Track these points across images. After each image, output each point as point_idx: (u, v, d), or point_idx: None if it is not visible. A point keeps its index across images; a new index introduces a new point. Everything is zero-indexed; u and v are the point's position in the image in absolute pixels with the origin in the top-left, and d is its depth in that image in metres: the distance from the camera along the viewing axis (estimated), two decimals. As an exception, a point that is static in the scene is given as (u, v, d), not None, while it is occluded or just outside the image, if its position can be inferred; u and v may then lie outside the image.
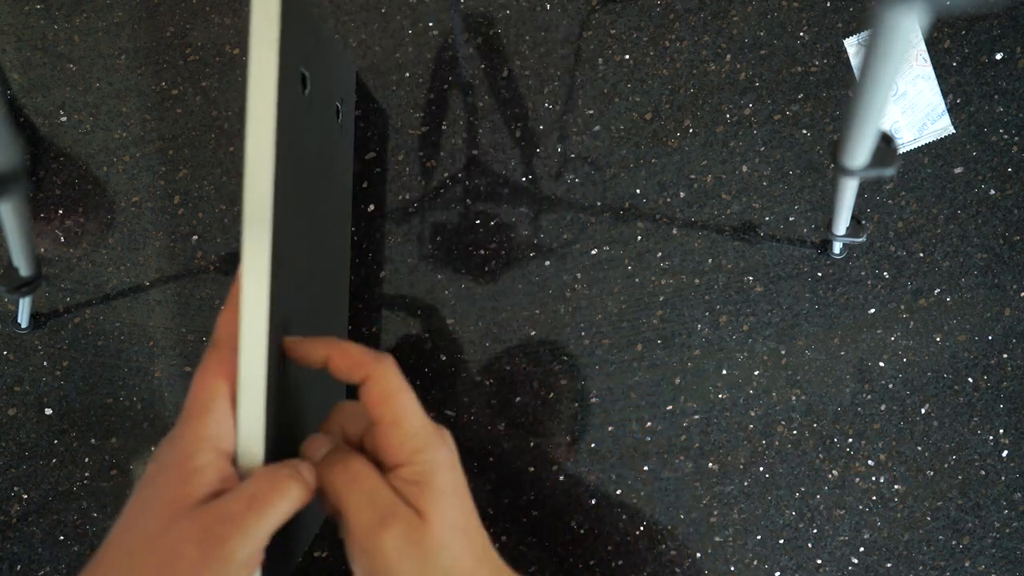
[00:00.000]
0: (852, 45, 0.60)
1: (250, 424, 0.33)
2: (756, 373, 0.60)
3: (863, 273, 0.60)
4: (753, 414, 0.60)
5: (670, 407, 0.59)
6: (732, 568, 0.59)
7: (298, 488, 0.32)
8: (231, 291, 0.35)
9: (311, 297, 0.44)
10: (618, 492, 0.59)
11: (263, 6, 0.33)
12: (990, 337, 0.60)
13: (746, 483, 0.59)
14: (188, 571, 0.28)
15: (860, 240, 0.57)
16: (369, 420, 0.36)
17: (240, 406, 0.33)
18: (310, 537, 0.43)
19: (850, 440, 0.60)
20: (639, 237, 0.59)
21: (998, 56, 0.59)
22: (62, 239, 0.58)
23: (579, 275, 0.59)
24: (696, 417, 0.59)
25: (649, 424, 0.59)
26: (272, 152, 0.34)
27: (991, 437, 0.60)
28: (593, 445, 0.59)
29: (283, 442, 0.37)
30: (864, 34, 0.59)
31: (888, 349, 0.60)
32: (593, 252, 0.59)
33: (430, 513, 0.33)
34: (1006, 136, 0.60)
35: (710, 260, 0.60)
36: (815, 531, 0.59)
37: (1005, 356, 0.60)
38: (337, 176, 0.53)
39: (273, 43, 0.33)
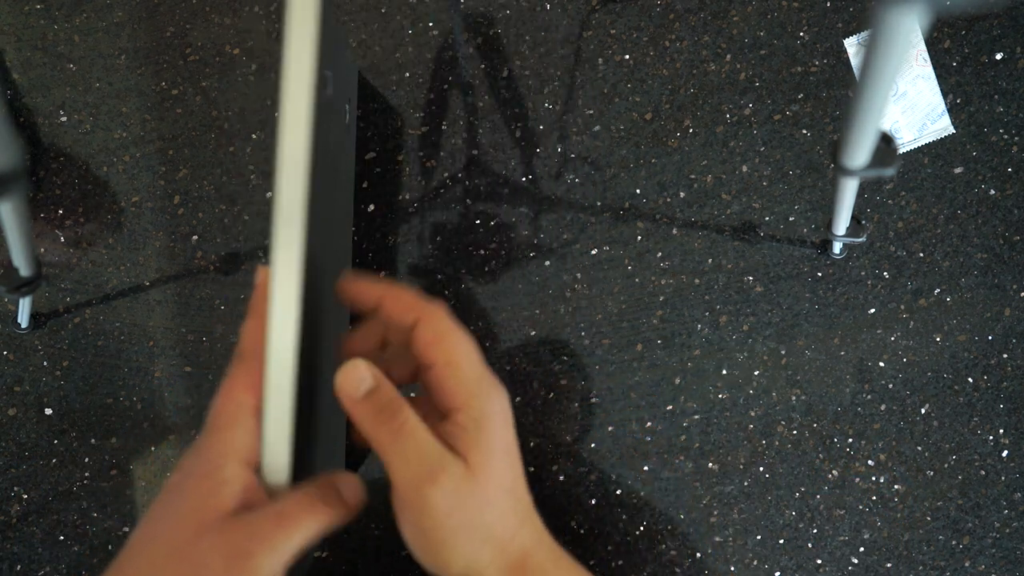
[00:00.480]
0: (852, 45, 0.60)
1: (276, 436, 0.33)
2: (756, 373, 0.60)
3: (863, 273, 0.60)
4: (753, 414, 0.60)
5: (670, 407, 0.59)
6: (732, 568, 0.59)
7: (328, 512, 0.32)
8: (253, 299, 0.34)
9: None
10: (618, 492, 0.59)
11: (301, 4, 0.33)
12: (990, 337, 0.60)
13: (746, 483, 0.59)
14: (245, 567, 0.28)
15: (860, 240, 0.57)
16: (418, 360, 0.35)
17: (266, 418, 0.32)
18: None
19: (850, 440, 0.60)
20: (639, 237, 0.59)
21: (998, 56, 0.59)
22: (62, 239, 0.58)
23: (579, 275, 0.59)
24: (696, 417, 0.59)
25: (649, 424, 0.59)
26: (307, 155, 0.32)
27: (991, 437, 0.60)
28: (593, 445, 0.59)
29: (310, 451, 0.36)
30: (864, 34, 0.59)
31: (888, 349, 0.60)
32: (593, 252, 0.59)
33: (480, 468, 0.32)
34: (1006, 136, 0.60)
35: (710, 260, 0.60)
36: (815, 531, 0.59)
37: (1005, 356, 0.60)
38: (341, 177, 0.53)
39: (312, 41, 0.33)
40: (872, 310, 0.60)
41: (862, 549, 0.60)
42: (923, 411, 0.60)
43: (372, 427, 0.33)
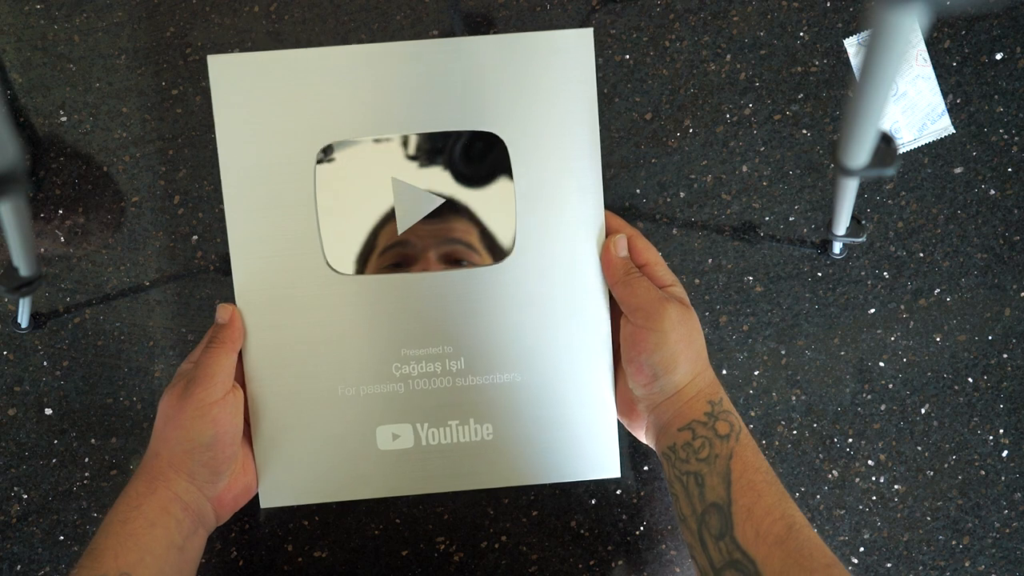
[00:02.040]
0: (852, 45, 0.60)
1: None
2: (756, 373, 0.60)
3: (863, 273, 0.60)
4: (753, 414, 0.60)
5: (670, 407, 0.59)
6: (732, 568, 0.59)
7: (226, 353, 0.50)
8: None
9: None
10: (618, 492, 0.59)
11: None
12: (990, 337, 0.60)
13: (746, 483, 0.59)
14: (176, 409, 0.49)
15: (860, 240, 0.57)
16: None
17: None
18: None
19: (850, 440, 0.60)
20: (639, 237, 0.59)
21: (998, 56, 0.59)
22: (62, 239, 0.58)
23: (579, 275, 0.59)
24: (696, 417, 0.59)
25: (649, 424, 0.59)
26: None
27: (991, 437, 0.60)
28: (593, 445, 0.59)
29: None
30: (864, 34, 0.59)
31: (888, 349, 0.60)
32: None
33: (692, 309, 0.51)
34: (1006, 136, 0.60)
35: (710, 260, 0.60)
36: (815, 531, 0.59)
37: (1005, 356, 0.60)
38: None
39: None
40: (872, 310, 0.60)
41: (862, 549, 0.60)
42: (923, 411, 0.60)
43: (623, 275, 0.52)
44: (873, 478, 0.60)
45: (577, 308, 0.54)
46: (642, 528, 0.59)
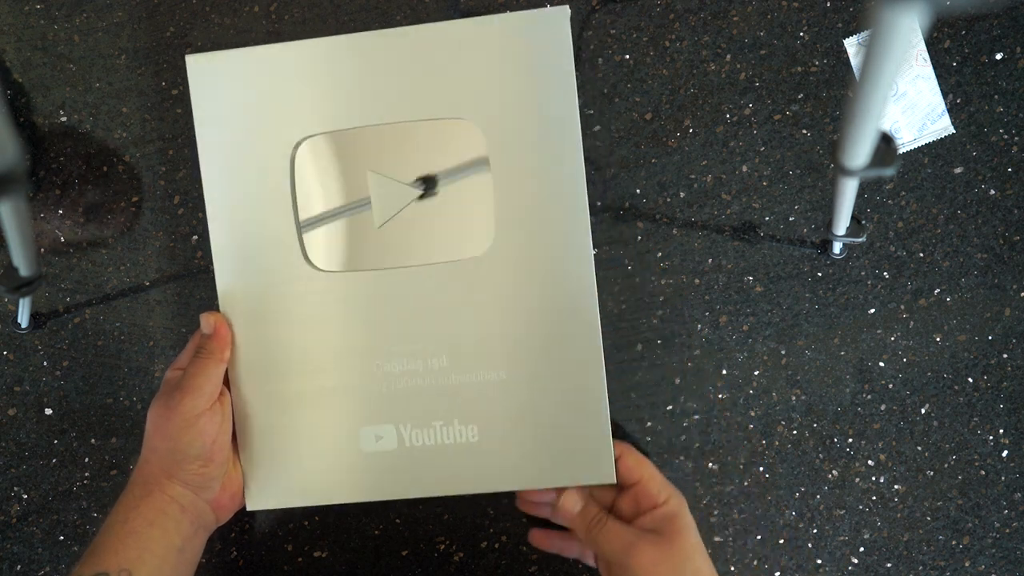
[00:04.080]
0: (852, 45, 0.60)
1: None
2: (756, 373, 0.60)
3: (863, 273, 0.60)
4: (753, 414, 0.60)
5: (670, 407, 0.59)
6: (732, 568, 0.59)
7: (213, 363, 0.50)
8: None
9: None
10: (618, 492, 0.59)
11: None
12: (990, 337, 0.60)
13: (746, 483, 0.59)
14: (163, 418, 0.48)
15: (860, 240, 0.57)
16: (612, 492, 0.52)
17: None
18: None
19: (850, 440, 0.60)
20: (639, 237, 0.59)
21: (998, 56, 0.59)
22: (62, 239, 0.58)
23: (579, 275, 0.59)
24: (696, 417, 0.59)
25: (649, 424, 0.59)
26: None
27: (991, 437, 0.60)
28: (593, 445, 0.59)
29: None
30: (864, 34, 0.59)
31: (888, 349, 0.60)
32: (593, 252, 0.59)
33: (681, 534, 0.48)
34: (1006, 136, 0.60)
35: (710, 260, 0.60)
36: (815, 531, 0.59)
37: (1005, 356, 0.60)
38: None
39: None
40: (872, 310, 0.60)
41: (862, 549, 0.60)
42: (923, 411, 0.60)
43: (584, 528, 0.50)
44: (873, 478, 0.60)
45: (564, 299, 0.51)
46: (642, 528, 0.59)
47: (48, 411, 0.58)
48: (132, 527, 0.46)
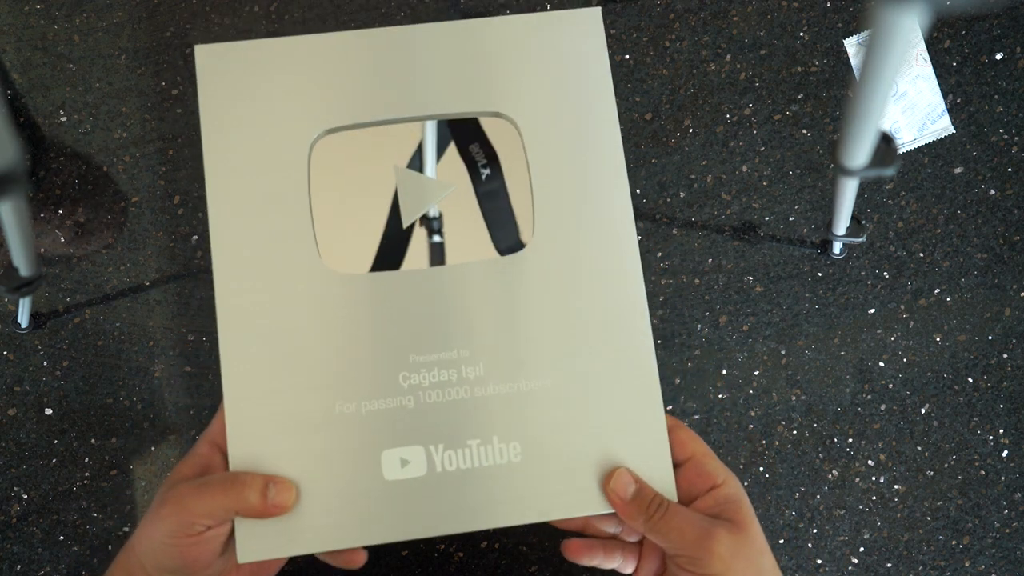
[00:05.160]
0: (852, 45, 0.60)
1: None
2: (756, 373, 0.60)
3: (863, 273, 0.60)
4: (753, 414, 0.60)
5: (670, 407, 0.59)
6: (732, 568, 0.59)
7: (238, 496, 0.42)
8: None
9: None
10: (618, 492, 0.59)
11: None
12: (990, 337, 0.60)
13: (746, 483, 0.59)
14: (165, 517, 0.41)
15: (860, 240, 0.57)
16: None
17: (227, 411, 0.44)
18: None
19: (850, 440, 0.60)
20: (639, 237, 0.59)
21: (998, 56, 0.59)
22: (62, 239, 0.58)
23: (579, 275, 0.59)
24: (696, 417, 0.59)
25: (649, 424, 0.59)
26: None
27: (991, 437, 0.60)
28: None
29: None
30: (864, 34, 0.59)
31: (888, 349, 0.60)
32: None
33: (749, 525, 0.42)
34: (1006, 136, 0.60)
35: (710, 260, 0.60)
36: (815, 531, 0.59)
37: (1005, 356, 0.60)
38: None
39: None
40: (872, 310, 0.60)
41: (862, 549, 0.60)
42: (923, 411, 0.60)
43: (644, 517, 0.43)
44: (873, 478, 0.60)
45: (610, 298, 0.47)
46: (642, 528, 0.59)
47: (48, 411, 0.58)
48: None
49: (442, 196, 0.49)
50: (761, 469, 0.59)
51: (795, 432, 0.60)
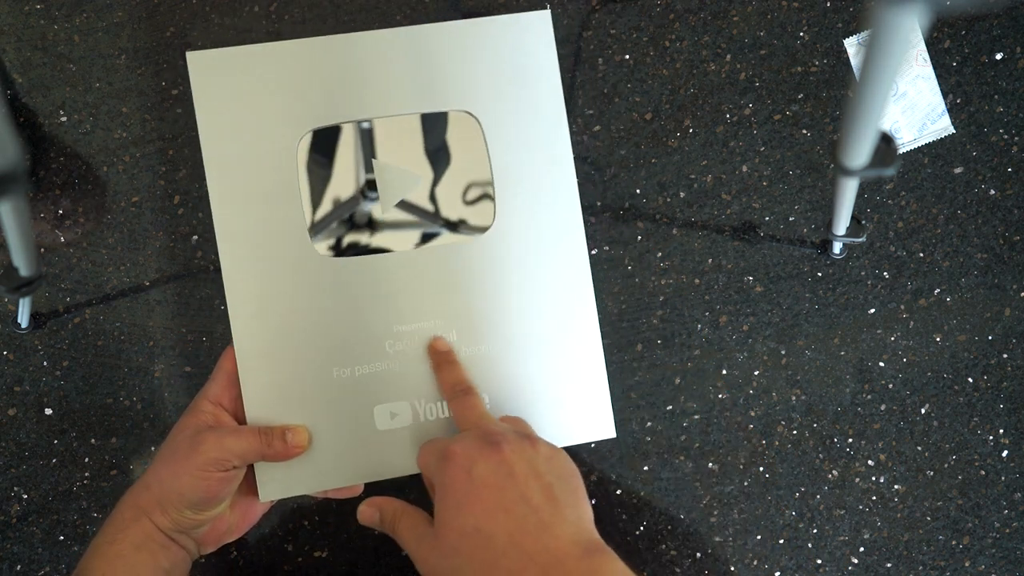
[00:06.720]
0: (852, 45, 0.60)
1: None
2: (756, 373, 0.60)
3: (863, 273, 0.60)
4: (753, 414, 0.60)
5: (670, 407, 0.59)
6: (732, 568, 0.59)
7: (258, 444, 0.49)
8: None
9: None
10: (618, 492, 0.59)
11: None
12: (990, 337, 0.60)
13: (746, 483, 0.59)
14: (203, 452, 0.47)
15: (860, 240, 0.57)
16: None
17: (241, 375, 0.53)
18: None
19: (850, 440, 0.60)
20: (639, 237, 0.59)
21: (998, 56, 0.59)
22: (62, 239, 0.58)
23: (579, 275, 0.59)
24: (696, 417, 0.59)
25: (649, 424, 0.59)
26: None
27: (991, 437, 0.60)
28: (592, 445, 0.59)
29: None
30: (864, 34, 0.59)
31: (888, 349, 0.60)
32: (593, 252, 0.59)
33: (438, 523, 0.44)
34: (1006, 136, 0.60)
35: (710, 260, 0.60)
36: (815, 531, 0.59)
37: (1005, 356, 0.60)
38: None
39: None
40: (872, 310, 0.60)
41: (862, 549, 0.60)
42: (923, 411, 0.60)
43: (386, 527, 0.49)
44: (873, 478, 0.60)
45: (559, 272, 0.55)
46: (642, 528, 0.59)
47: (48, 411, 0.58)
48: (119, 549, 0.46)
49: (415, 186, 0.56)
50: (761, 469, 0.59)
51: (795, 432, 0.60)
